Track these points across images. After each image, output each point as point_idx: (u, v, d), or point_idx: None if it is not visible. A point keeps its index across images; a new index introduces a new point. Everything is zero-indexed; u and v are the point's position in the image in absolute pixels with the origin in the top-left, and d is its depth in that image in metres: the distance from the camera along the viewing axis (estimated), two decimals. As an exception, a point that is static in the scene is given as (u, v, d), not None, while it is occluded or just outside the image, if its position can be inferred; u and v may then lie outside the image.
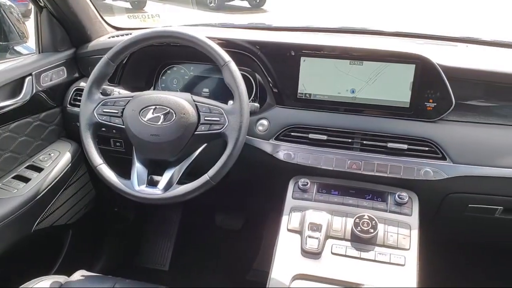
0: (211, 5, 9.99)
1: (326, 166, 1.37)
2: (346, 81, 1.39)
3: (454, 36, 1.71)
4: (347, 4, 9.66)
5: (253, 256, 2.10)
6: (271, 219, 1.37)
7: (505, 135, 1.34)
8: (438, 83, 1.32)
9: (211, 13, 9.44)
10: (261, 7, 10.37)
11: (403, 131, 1.36)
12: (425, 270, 1.26)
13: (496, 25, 7.14)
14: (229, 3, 10.56)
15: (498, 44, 1.68)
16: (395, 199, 1.30)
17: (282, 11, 9.80)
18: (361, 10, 8.86)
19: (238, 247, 2.20)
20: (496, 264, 1.94)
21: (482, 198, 1.36)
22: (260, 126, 1.45)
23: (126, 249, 2.21)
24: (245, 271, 2.08)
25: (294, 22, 2.08)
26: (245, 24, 1.93)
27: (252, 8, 10.46)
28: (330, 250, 1.21)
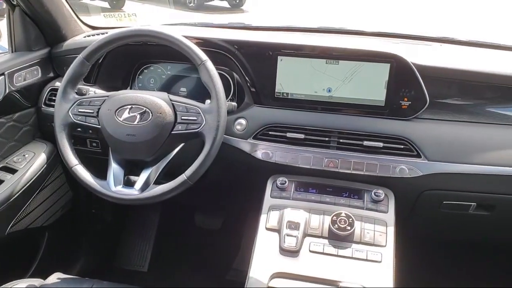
0: (191, 5, 9.94)
1: (304, 165, 1.38)
2: (322, 80, 1.40)
3: (428, 35, 1.74)
4: (325, 4, 9.74)
5: (233, 255, 2.10)
6: (251, 218, 1.38)
7: (477, 132, 1.37)
8: (412, 82, 1.34)
9: (190, 13, 9.39)
10: (240, 7, 10.36)
11: (378, 129, 1.37)
12: (401, 266, 1.28)
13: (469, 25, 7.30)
14: (208, 3, 10.52)
15: (471, 43, 1.72)
16: (372, 197, 1.32)
17: (262, 11, 9.81)
18: (338, 10, 8.95)
19: (217, 247, 2.20)
20: (471, 259, 1.98)
21: (456, 195, 1.38)
22: (238, 125, 1.46)
23: (104, 250, 2.18)
24: (225, 271, 2.08)
25: (272, 21, 2.09)
26: (224, 23, 1.93)
27: (231, 8, 10.44)
28: (308, 248, 1.21)
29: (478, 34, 1.85)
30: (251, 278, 1.17)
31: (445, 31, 1.92)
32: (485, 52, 1.66)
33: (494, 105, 1.41)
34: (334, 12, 8.71)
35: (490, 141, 1.35)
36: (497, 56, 1.62)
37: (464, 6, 10.05)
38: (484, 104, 1.41)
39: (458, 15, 8.84)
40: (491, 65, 1.40)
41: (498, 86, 1.39)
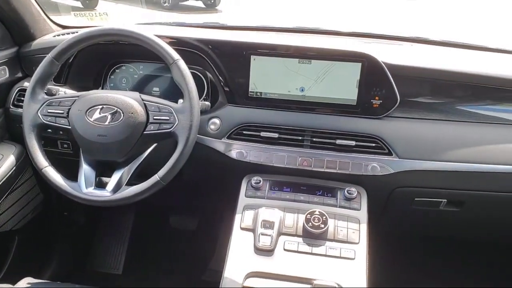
0: (165, 4, 9.88)
1: (278, 164, 1.39)
2: (295, 79, 1.41)
3: (400, 35, 1.77)
4: (299, 5, 9.82)
5: (209, 256, 2.09)
6: (226, 218, 1.37)
7: (447, 130, 1.40)
8: (383, 81, 1.36)
9: (165, 13, 9.33)
10: (215, 7, 10.33)
11: (350, 128, 1.39)
12: (375, 262, 1.30)
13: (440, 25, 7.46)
14: (183, 3, 10.48)
15: (442, 43, 1.76)
16: (345, 194, 1.33)
17: (237, 11, 9.81)
18: (311, 10, 9.04)
19: (193, 247, 2.19)
20: (443, 255, 2.02)
21: (427, 192, 1.41)
22: (212, 125, 1.45)
23: (77, 253, 2.14)
24: (201, 272, 2.07)
25: (247, 21, 2.09)
26: (198, 23, 1.92)
27: (206, 8, 10.42)
28: (283, 247, 1.22)
29: (449, 34, 1.89)
30: (225, 278, 1.17)
31: (416, 31, 1.96)
32: (456, 52, 1.70)
33: (464, 103, 1.45)
34: (308, 12, 8.80)
35: (460, 139, 1.38)
36: (467, 56, 1.66)
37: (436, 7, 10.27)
38: (455, 103, 1.45)
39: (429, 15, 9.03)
40: (462, 65, 1.44)
41: (468, 85, 1.42)
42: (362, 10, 9.35)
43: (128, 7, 8.67)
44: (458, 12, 10.05)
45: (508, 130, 1.41)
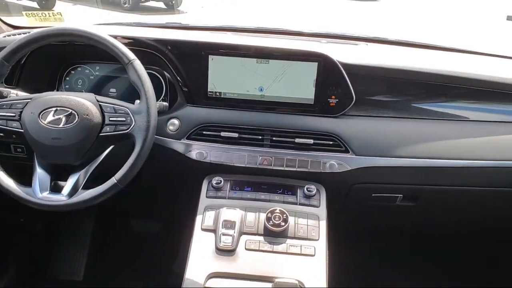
0: (125, 5, 9.76)
1: (239, 163, 1.39)
2: (254, 79, 1.42)
3: (355, 35, 1.81)
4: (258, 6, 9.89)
5: (172, 258, 2.07)
6: (188, 219, 1.36)
7: (401, 127, 1.45)
8: (339, 80, 1.39)
9: (126, 14, 9.19)
10: (177, 8, 10.25)
11: (309, 127, 1.41)
12: (335, 258, 1.32)
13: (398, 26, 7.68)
14: (144, 4, 10.36)
15: (397, 43, 1.81)
16: (304, 192, 1.35)
17: (200, 11, 9.78)
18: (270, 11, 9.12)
19: (156, 251, 2.16)
20: (401, 249, 2.08)
21: (384, 188, 1.45)
22: (170, 126, 1.44)
23: (35, 261, 2.07)
24: (164, 275, 2.04)
25: (207, 21, 2.08)
26: (158, 23, 1.90)
27: (168, 9, 10.33)
28: (244, 246, 1.22)
29: (405, 34, 1.94)
30: (187, 279, 1.16)
31: (372, 31, 2.01)
32: (410, 51, 1.75)
33: (418, 101, 1.50)
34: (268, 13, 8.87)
35: (414, 135, 1.43)
36: (422, 55, 1.71)
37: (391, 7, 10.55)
38: (409, 100, 1.49)
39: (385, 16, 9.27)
40: (416, 63, 1.48)
41: (422, 83, 1.47)
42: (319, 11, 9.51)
43: (87, 8, 8.49)
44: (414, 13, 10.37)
45: (459, 126, 1.48)
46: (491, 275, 1.98)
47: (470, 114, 1.50)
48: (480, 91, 1.47)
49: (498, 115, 1.50)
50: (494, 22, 10.50)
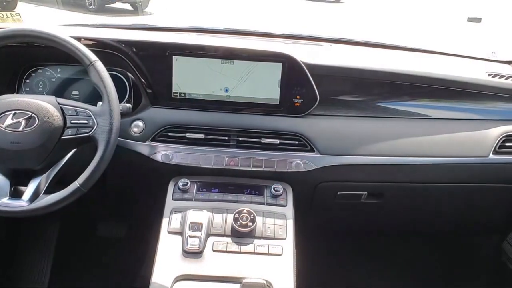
0: (91, 7, 9.61)
1: (205, 165, 1.38)
2: (219, 80, 1.41)
3: (319, 36, 1.83)
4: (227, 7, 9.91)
5: (140, 262, 2.04)
6: (155, 223, 1.35)
7: (365, 126, 1.47)
8: (303, 80, 1.40)
9: (91, 16, 9.03)
10: (144, 9, 10.15)
11: (275, 127, 1.42)
12: (302, 256, 1.33)
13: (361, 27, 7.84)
14: (110, 6, 10.22)
15: (361, 43, 1.84)
16: (271, 192, 1.36)
17: (167, 13, 9.71)
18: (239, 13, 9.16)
19: (123, 255, 2.12)
20: (368, 246, 2.11)
21: (349, 186, 1.48)
22: (135, 128, 1.41)
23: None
24: (131, 279, 2.01)
25: (172, 22, 2.07)
26: (124, 24, 1.87)
27: (134, 10, 10.21)
28: (212, 248, 1.22)
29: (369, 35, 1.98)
30: (153, 283, 1.15)
31: (336, 32, 2.03)
32: (374, 51, 1.79)
33: (382, 100, 1.53)
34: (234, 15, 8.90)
35: (377, 134, 1.46)
36: (385, 55, 1.74)
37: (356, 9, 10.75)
38: (373, 100, 1.53)
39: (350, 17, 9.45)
40: (380, 63, 1.52)
41: (386, 82, 1.50)
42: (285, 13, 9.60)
43: (50, 9, 8.29)
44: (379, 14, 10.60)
45: (422, 124, 1.51)
46: (456, 271, 2.04)
47: (432, 113, 1.54)
48: (441, 90, 1.52)
49: (458, 113, 1.55)
50: (456, 23, 10.85)
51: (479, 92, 1.53)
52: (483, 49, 1.89)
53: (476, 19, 10.87)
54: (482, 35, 8.44)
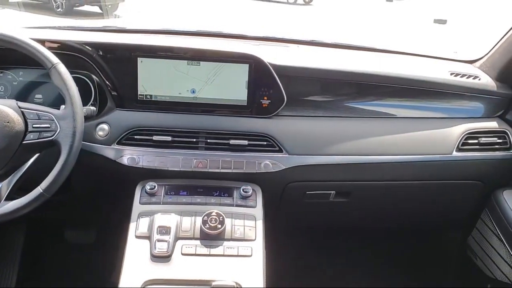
0: (58, 10, 9.42)
1: (173, 167, 1.37)
2: (185, 81, 1.40)
3: (286, 38, 1.84)
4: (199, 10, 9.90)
5: (109, 268, 2.00)
6: (124, 227, 1.32)
7: (332, 126, 1.49)
8: (270, 81, 1.41)
9: (59, 19, 8.86)
10: (113, 12, 10.00)
11: (243, 128, 1.42)
12: (273, 257, 1.33)
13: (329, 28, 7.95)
14: (79, 8, 10.04)
15: (327, 45, 1.85)
16: (240, 193, 1.35)
17: (137, 16, 9.61)
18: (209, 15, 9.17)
19: (92, 261, 2.07)
20: (337, 245, 2.13)
21: (318, 185, 1.49)
22: (100, 131, 1.39)
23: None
24: (101, 285, 1.97)
25: (140, 24, 2.04)
26: (91, 26, 1.83)
27: (104, 13, 10.05)
28: (180, 251, 1.20)
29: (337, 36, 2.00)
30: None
31: (304, 33, 2.05)
32: (341, 53, 1.80)
33: (349, 100, 1.55)
34: (204, 17, 8.90)
35: (344, 134, 1.47)
36: (352, 56, 1.76)
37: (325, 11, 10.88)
38: (340, 100, 1.54)
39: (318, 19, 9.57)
40: (345, 64, 1.53)
41: (352, 83, 1.52)
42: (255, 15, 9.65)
43: (16, 12, 8.09)
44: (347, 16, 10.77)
45: (388, 123, 1.54)
46: (423, 267, 2.08)
47: (397, 112, 1.57)
48: (406, 89, 1.55)
49: (423, 111, 1.59)
50: (422, 24, 11.13)
51: (442, 91, 1.56)
52: (447, 49, 1.94)
53: (442, 21, 11.18)
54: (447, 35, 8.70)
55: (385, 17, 11.96)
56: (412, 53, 1.85)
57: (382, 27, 10.11)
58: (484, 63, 1.67)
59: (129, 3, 10.37)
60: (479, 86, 1.58)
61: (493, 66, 1.62)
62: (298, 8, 12.44)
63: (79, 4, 10.14)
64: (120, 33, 1.72)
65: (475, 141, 1.53)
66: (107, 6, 9.94)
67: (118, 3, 10.20)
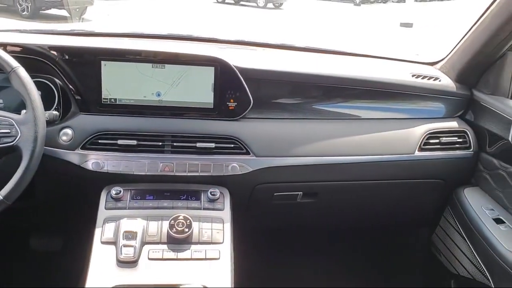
0: (24, 13, 9.21)
1: (139, 172, 1.36)
2: (150, 84, 1.39)
3: (253, 41, 1.84)
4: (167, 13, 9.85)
5: (77, 276, 1.96)
6: (90, 233, 1.30)
7: (299, 127, 1.51)
8: (236, 84, 1.42)
9: (24, 22, 8.63)
10: (82, 16, 9.83)
11: (209, 131, 1.42)
12: (242, 259, 1.34)
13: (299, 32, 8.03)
14: (46, 12, 9.82)
15: (294, 48, 1.87)
16: (208, 196, 1.35)
17: (106, 19, 9.47)
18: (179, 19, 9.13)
19: (59, 269, 2.02)
20: (306, 245, 2.15)
21: (285, 186, 1.50)
22: (63, 136, 1.36)
23: None
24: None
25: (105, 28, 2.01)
26: (58, 30, 1.79)
27: (72, 17, 9.86)
28: (147, 256, 1.19)
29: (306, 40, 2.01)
30: None
31: (274, 37, 2.06)
32: (307, 56, 1.82)
33: (315, 102, 1.57)
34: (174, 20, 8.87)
35: (311, 135, 1.49)
36: (318, 59, 1.78)
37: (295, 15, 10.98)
38: (306, 102, 1.57)
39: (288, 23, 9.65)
40: (312, 67, 1.56)
41: (318, 85, 1.55)
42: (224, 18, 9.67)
43: (-23, 16, 7.88)
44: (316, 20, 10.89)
45: (353, 125, 1.57)
46: (390, 264, 2.12)
47: (362, 113, 1.60)
48: (370, 91, 1.58)
49: (387, 112, 1.63)
50: (389, 28, 11.38)
51: (404, 92, 1.60)
52: (411, 52, 1.98)
53: (408, 24, 11.48)
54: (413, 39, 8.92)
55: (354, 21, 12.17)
56: (376, 56, 1.88)
57: (350, 31, 10.28)
58: (444, 65, 1.72)
59: (98, 7, 10.22)
60: (439, 87, 1.63)
61: (453, 68, 1.67)
62: (268, 12, 12.52)
63: (45, 8, 9.94)
64: (85, 37, 1.70)
65: (436, 140, 1.58)
66: (75, 10, 9.76)
67: (86, 7, 10.03)
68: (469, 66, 1.61)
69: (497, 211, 1.52)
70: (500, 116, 1.50)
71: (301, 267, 2.07)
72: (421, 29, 10.63)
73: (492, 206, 1.54)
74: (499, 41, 1.47)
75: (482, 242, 1.47)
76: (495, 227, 1.46)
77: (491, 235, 1.44)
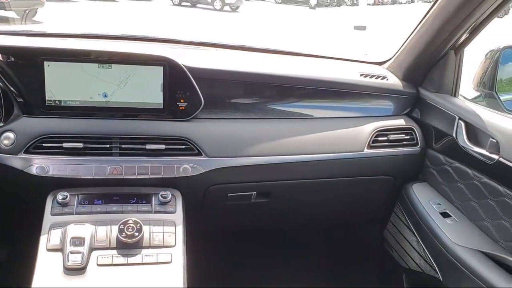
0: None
1: (86, 176, 1.31)
2: (96, 85, 1.35)
3: (206, 41, 1.83)
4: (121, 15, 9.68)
5: (24, 286, 1.88)
6: (36, 241, 1.24)
7: (251, 127, 1.51)
8: (186, 84, 1.40)
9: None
10: (31, 18, 9.49)
11: (159, 132, 1.39)
12: (196, 261, 1.32)
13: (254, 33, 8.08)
14: (-8, 14, 9.39)
15: (247, 48, 1.87)
16: (159, 199, 1.32)
17: (56, 20, 9.20)
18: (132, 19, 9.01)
19: (6, 280, 1.93)
20: (262, 245, 2.15)
21: (239, 187, 1.50)
22: (5, 140, 1.30)
23: None
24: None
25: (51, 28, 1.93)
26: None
27: (21, 18, 9.50)
28: (96, 262, 1.16)
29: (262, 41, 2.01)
30: None
31: (230, 38, 2.06)
32: (260, 56, 1.82)
33: (267, 102, 1.58)
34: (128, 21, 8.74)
35: (263, 135, 1.50)
36: (270, 60, 1.79)
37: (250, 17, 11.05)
38: (258, 102, 1.57)
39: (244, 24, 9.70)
40: (264, 67, 1.56)
41: (270, 85, 1.55)
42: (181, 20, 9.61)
43: None
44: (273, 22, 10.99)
45: (305, 124, 1.59)
46: (345, 261, 2.15)
47: (314, 112, 1.63)
48: (321, 90, 1.61)
49: (337, 111, 1.66)
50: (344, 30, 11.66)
51: (354, 92, 1.64)
52: (359, 52, 2.02)
53: (361, 27, 11.80)
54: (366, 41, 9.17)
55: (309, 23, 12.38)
56: (327, 56, 1.91)
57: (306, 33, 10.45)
58: (391, 64, 1.77)
59: (51, 8, 9.91)
60: (387, 86, 1.67)
61: (399, 67, 1.72)
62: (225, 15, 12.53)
63: (-10, 9, 9.52)
64: (29, 37, 1.63)
65: (385, 138, 1.62)
66: (24, 12, 9.42)
67: (37, 8, 9.70)
68: (414, 65, 1.66)
69: (443, 205, 1.57)
70: (445, 113, 1.56)
71: (256, 268, 2.06)
72: (375, 31, 10.94)
73: (439, 201, 1.59)
74: (441, 40, 1.53)
75: (430, 236, 1.51)
76: (442, 221, 1.51)
77: (438, 229, 1.49)
